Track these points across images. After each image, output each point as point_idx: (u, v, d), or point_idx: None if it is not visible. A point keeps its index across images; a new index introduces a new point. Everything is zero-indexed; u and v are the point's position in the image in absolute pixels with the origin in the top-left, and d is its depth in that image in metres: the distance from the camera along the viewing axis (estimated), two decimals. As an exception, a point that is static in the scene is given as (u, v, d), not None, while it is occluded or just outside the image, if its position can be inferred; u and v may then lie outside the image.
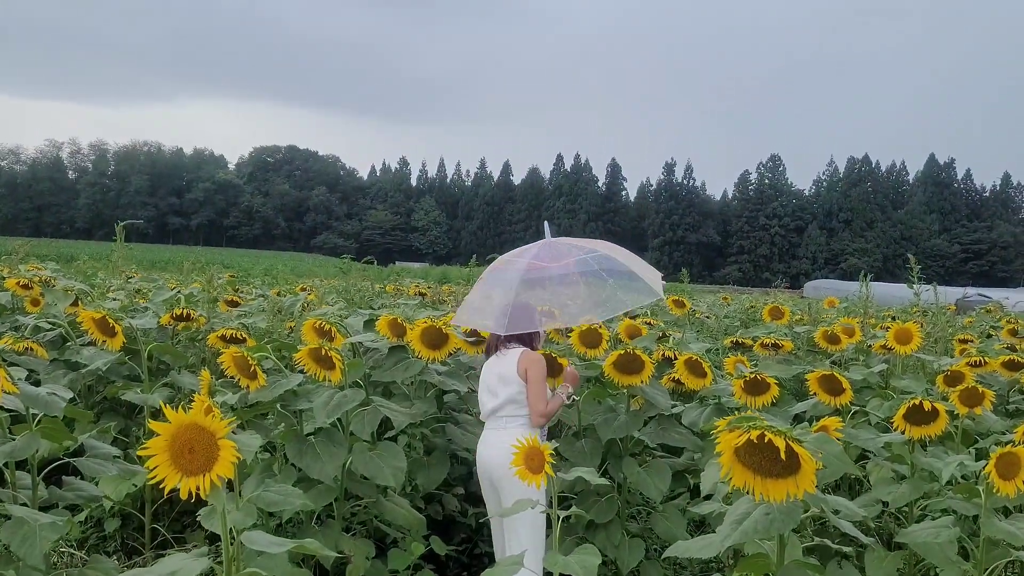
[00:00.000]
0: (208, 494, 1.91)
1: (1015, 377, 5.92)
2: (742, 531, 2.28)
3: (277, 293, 9.61)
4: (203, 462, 1.90)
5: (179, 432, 1.90)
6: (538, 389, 3.94)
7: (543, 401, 3.94)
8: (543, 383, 3.97)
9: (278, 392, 3.79)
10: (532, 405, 3.92)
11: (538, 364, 3.99)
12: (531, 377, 3.93)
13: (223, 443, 1.92)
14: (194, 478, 1.91)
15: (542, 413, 3.93)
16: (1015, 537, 3.27)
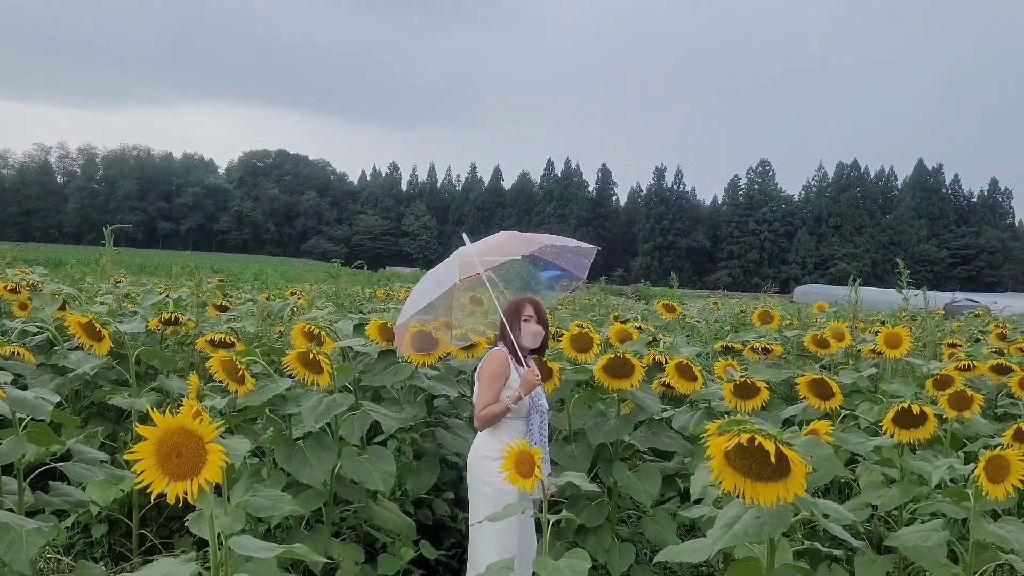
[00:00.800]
0: (196, 499, 1.89)
1: (1003, 381, 5.94)
2: (732, 534, 2.28)
3: (267, 298, 9.58)
4: (191, 466, 1.89)
5: (166, 436, 1.88)
6: (482, 389, 3.85)
7: (480, 404, 3.84)
8: (487, 385, 3.84)
9: (266, 396, 3.77)
10: (476, 406, 3.87)
11: (489, 364, 3.89)
12: (480, 376, 3.89)
13: (211, 447, 1.91)
14: (181, 482, 1.89)
15: (477, 416, 3.84)
16: (1004, 540, 3.27)
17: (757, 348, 6.34)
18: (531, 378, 3.83)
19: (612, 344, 5.64)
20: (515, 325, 4.01)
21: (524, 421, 3.93)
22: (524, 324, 4.03)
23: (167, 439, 1.88)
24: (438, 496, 4.86)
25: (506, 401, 3.81)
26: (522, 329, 4.01)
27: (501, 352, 3.94)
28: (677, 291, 11.59)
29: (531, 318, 4.06)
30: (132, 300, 6.49)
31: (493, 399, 3.81)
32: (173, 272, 7.37)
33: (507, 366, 3.91)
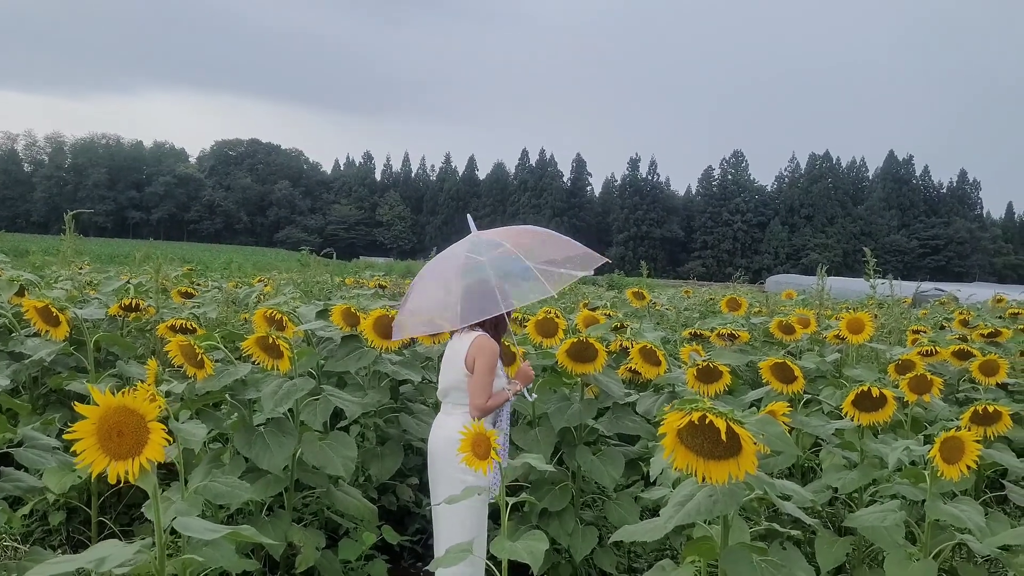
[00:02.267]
0: (137, 478, 1.86)
1: (964, 366, 6.01)
2: (685, 512, 2.28)
3: (235, 286, 9.49)
4: (132, 445, 1.85)
5: (107, 415, 1.85)
6: (481, 381, 3.72)
7: (483, 395, 3.72)
8: (488, 376, 3.74)
9: (226, 381, 3.73)
10: (471, 398, 3.72)
11: (487, 354, 3.75)
12: (477, 368, 3.72)
13: (153, 426, 1.87)
14: (123, 462, 1.86)
15: (479, 407, 3.71)
16: (959, 520, 3.31)
17: (724, 334, 6.36)
18: (529, 371, 3.95)
19: (579, 330, 5.65)
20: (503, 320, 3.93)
21: (495, 415, 3.92)
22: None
23: (108, 418, 1.84)
24: (402, 482, 4.85)
25: (508, 392, 3.80)
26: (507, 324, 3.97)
27: (492, 341, 3.81)
28: (646, 280, 11.64)
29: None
30: (94, 287, 6.40)
31: (491, 391, 3.75)
32: (136, 259, 7.27)
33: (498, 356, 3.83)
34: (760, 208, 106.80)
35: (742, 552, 2.31)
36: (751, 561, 2.27)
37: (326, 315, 4.67)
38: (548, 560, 4.32)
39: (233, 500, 3.19)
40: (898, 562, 3.42)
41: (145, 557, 2.01)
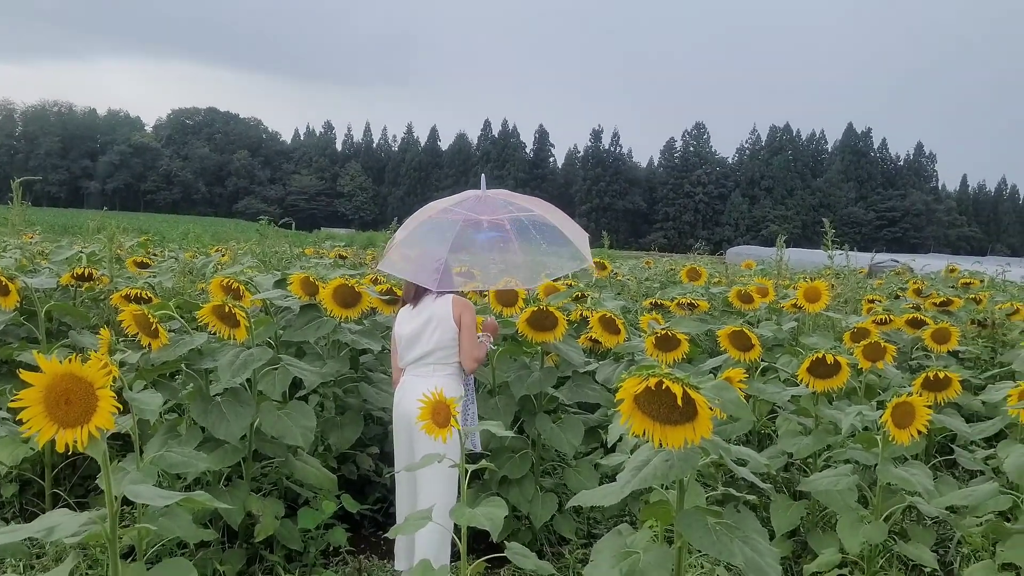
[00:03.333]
0: (87, 446, 1.83)
1: (918, 334, 6.13)
2: (641, 477, 2.30)
3: (192, 256, 9.34)
4: (80, 413, 1.82)
5: (54, 382, 1.81)
6: (473, 333, 3.88)
7: (476, 346, 3.88)
8: (474, 329, 3.90)
9: (182, 351, 3.68)
10: (467, 351, 3.84)
11: (471, 309, 3.91)
12: (465, 323, 3.86)
13: (102, 393, 1.84)
14: (71, 430, 1.82)
15: (476, 358, 3.87)
16: (908, 483, 3.38)
17: (684, 304, 6.42)
18: (496, 324, 4.22)
19: (540, 299, 5.65)
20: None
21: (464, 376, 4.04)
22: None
23: (55, 385, 1.80)
24: (363, 451, 4.83)
25: (488, 344, 4.00)
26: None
27: (466, 299, 3.99)
28: (608, 251, 11.67)
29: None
30: (45, 256, 6.26)
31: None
32: (90, 228, 7.11)
33: None
34: (721, 180, 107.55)
35: (697, 515, 2.34)
36: (706, 524, 2.30)
37: (284, 284, 4.62)
38: (508, 527, 4.36)
39: (189, 470, 3.15)
40: (850, 524, 3.50)
41: (97, 527, 1.98)
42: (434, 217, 4.14)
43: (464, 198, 4.16)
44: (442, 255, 3.94)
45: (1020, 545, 2.88)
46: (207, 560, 3.74)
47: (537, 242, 4.14)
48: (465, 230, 4.05)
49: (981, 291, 8.93)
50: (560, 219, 4.22)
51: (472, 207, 4.09)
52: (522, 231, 4.11)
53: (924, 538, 3.95)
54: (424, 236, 4.14)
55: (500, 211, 4.10)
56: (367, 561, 4.27)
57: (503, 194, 4.26)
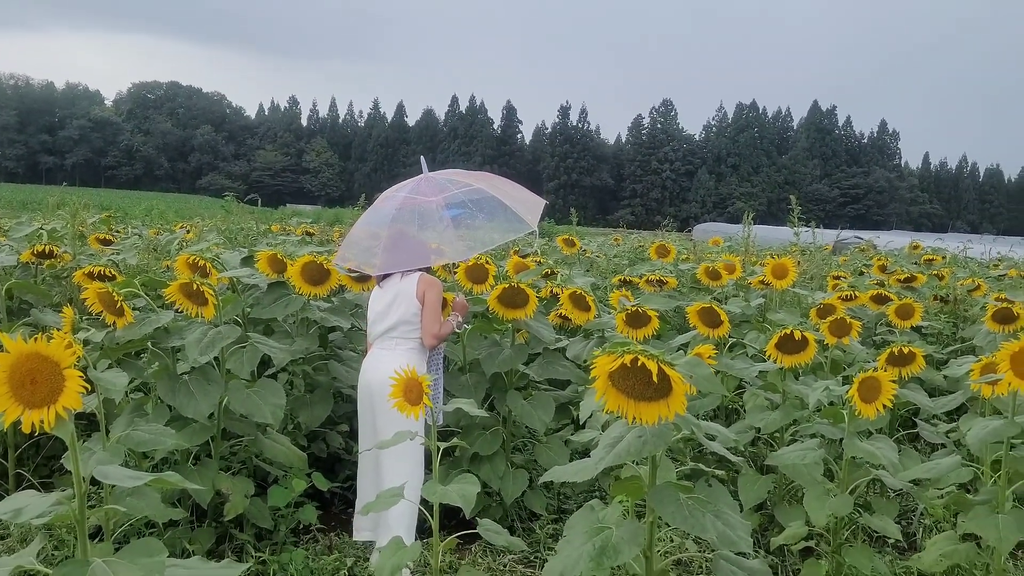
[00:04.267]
0: (54, 427, 1.79)
1: (882, 310, 6.22)
2: (615, 454, 2.31)
3: (156, 233, 9.20)
4: (46, 393, 1.78)
5: (19, 362, 1.77)
6: (435, 310, 3.93)
7: (438, 322, 3.93)
8: (440, 305, 3.97)
9: (148, 329, 3.62)
10: (426, 326, 3.90)
11: (436, 287, 3.97)
12: (429, 299, 3.92)
13: (69, 373, 1.80)
14: (37, 411, 1.78)
15: (435, 334, 3.91)
16: (874, 456, 3.43)
17: (653, 280, 6.44)
18: (465, 303, 4.22)
19: (510, 277, 5.65)
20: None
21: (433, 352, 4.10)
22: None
23: (20, 365, 1.76)
24: (332, 429, 4.81)
25: (453, 322, 4.03)
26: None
27: (434, 276, 4.06)
28: (576, 228, 11.69)
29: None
30: (4, 233, 6.13)
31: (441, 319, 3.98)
32: (49, 204, 6.97)
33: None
34: (688, 157, 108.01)
35: (669, 490, 2.35)
36: (678, 499, 2.32)
37: (251, 262, 4.56)
38: (479, 503, 4.36)
39: (157, 448, 3.12)
40: (816, 497, 3.54)
41: (64, 508, 1.95)
42: (377, 205, 4.31)
43: (405, 184, 4.32)
44: (381, 238, 4.09)
45: (980, 516, 2.94)
46: (176, 539, 3.71)
47: (473, 216, 4.23)
48: (401, 212, 4.15)
49: (943, 267, 9.07)
50: (507, 190, 4.32)
51: (414, 189, 4.22)
52: (459, 207, 4.20)
53: (888, 510, 4.02)
54: (366, 223, 4.32)
55: (441, 191, 4.17)
56: (337, 538, 4.26)
57: (447, 173, 4.37)
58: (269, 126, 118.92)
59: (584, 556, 2.30)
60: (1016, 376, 2.82)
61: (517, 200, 4.24)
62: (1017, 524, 2.86)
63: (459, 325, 4.14)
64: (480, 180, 4.31)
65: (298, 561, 3.83)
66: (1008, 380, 2.83)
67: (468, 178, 4.31)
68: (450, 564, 3.94)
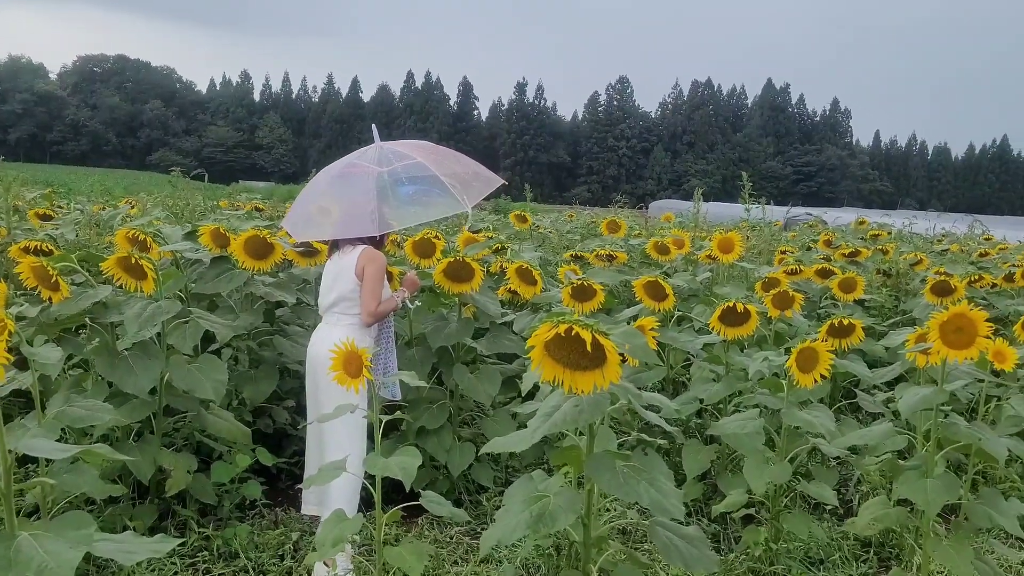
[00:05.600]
0: (-26, 400, 1.75)
1: (826, 284, 6.33)
2: (552, 423, 2.33)
3: (100, 208, 9.01)
4: (-36, 366, 1.74)
5: (-64, 334, 1.73)
6: (372, 287, 3.82)
7: (375, 300, 3.82)
8: (379, 282, 3.85)
9: (85, 304, 3.55)
10: (364, 303, 3.81)
11: (376, 262, 3.85)
12: (367, 274, 3.82)
13: (-12, 345, 1.76)
14: (-45, 383, 1.75)
15: (371, 312, 3.81)
16: (811, 425, 3.51)
17: (602, 255, 6.47)
18: (415, 278, 4.07)
19: (458, 251, 5.64)
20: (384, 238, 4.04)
21: (381, 324, 4.00)
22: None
23: (-64, 337, 1.72)
24: (279, 404, 4.78)
25: (397, 299, 3.92)
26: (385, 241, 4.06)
27: (380, 252, 3.93)
28: (530, 204, 11.69)
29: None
30: (-63, 209, 5.95)
31: (381, 296, 3.85)
32: (-15, 178, 6.77)
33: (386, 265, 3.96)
34: (644, 134, 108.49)
35: (605, 458, 2.38)
36: (614, 467, 2.35)
37: (194, 236, 4.49)
38: (426, 476, 4.38)
39: (95, 423, 3.06)
40: (756, 466, 3.62)
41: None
42: (318, 176, 4.26)
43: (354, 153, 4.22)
44: (321, 207, 4.03)
45: (910, 480, 3.03)
46: (116, 516, 3.67)
47: (406, 191, 4.10)
48: (342, 180, 4.10)
49: (888, 242, 9.26)
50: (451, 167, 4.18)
51: (359, 156, 4.13)
52: (395, 181, 4.05)
53: (827, 477, 4.12)
54: (307, 195, 4.24)
55: (384, 164, 4.07)
56: (284, 513, 4.25)
57: (397, 145, 4.24)
58: (221, 101, 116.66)
59: (521, 523, 2.33)
60: (944, 345, 2.90)
61: (459, 177, 4.12)
62: (945, 487, 2.95)
63: (405, 302, 4.04)
64: (427, 154, 4.18)
65: (242, 536, 3.82)
66: (937, 349, 2.91)
67: (415, 151, 4.18)
68: (396, 537, 3.96)
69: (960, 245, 10.48)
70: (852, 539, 4.13)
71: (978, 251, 9.16)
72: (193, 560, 3.67)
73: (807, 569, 3.80)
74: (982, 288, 6.63)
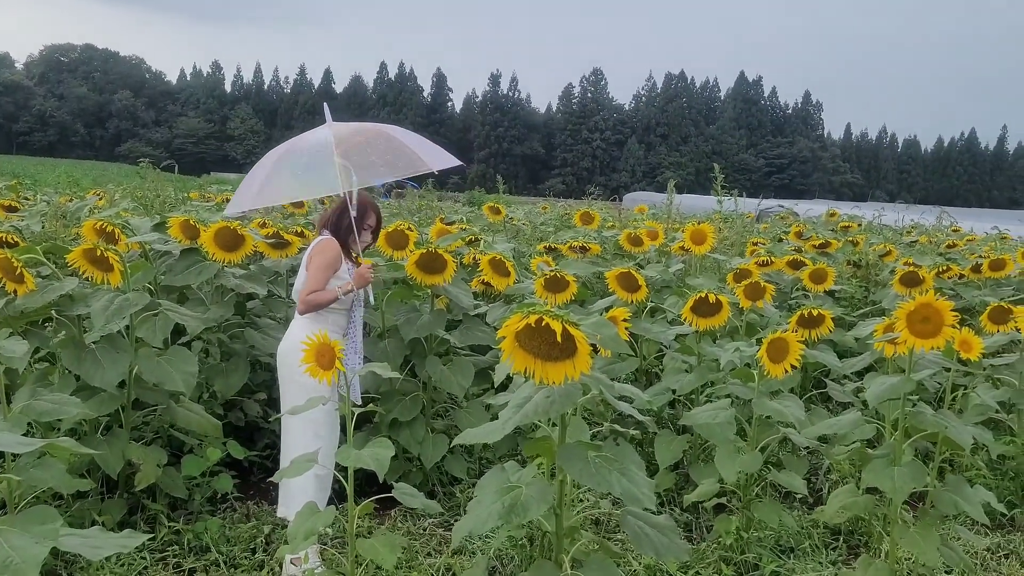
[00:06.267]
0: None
1: (797, 275, 6.38)
2: (523, 413, 2.33)
3: (68, 200, 8.88)
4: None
5: None
6: (312, 275, 3.74)
7: (308, 288, 3.71)
8: (320, 271, 3.74)
9: (51, 297, 3.50)
10: (301, 291, 3.75)
11: (324, 254, 3.79)
12: (311, 264, 3.77)
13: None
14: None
15: (304, 299, 3.70)
16: (783, 415, 3.54)
17: (576, 247, 6.48)
18: (366, 273, 3.82)
19: (432, 242, 5.62)
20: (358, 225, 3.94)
21: (347, 315, 3.91)
22: (362, 231, 4.02)
23: None
24: (250, 397, 4.74)
25: (337, 290, 3.76)
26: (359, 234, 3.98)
27: (335, 242, 3.85)
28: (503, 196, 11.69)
29: (369, 228, 4.09)
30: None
31: (322, 286, 3.74)
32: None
33: (340, 258, 3.85)
34: (618, 126, 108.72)
35: (577, 449, 2.39)
36: (585, 457, 2.35)
37: (163, 227, 4.44)
38: (399, 468, 4.37)
39: (62, 417, 3.03)
40: (727, 456, 3.64)
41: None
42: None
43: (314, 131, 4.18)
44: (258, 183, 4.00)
45: (878, 468, 3.06)
46: (85, 511, 3.63)
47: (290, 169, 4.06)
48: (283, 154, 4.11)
49: (858, 234, 9.37)
50: (383, 149, 4.10)
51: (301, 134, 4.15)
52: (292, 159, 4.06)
53: (797, 467, 4.16)
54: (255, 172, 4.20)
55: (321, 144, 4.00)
56: (256, 507, 4.22)
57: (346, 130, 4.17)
58: (191, 92, 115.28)
59: (493, 514, 2.32)
60: (912, 335, 2.93)
61: (387, 152, 4.05)
62: (912, 475, 2.99)
63: (346, 292, 3.79)
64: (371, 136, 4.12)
65: (213, 530, 3.79)
66: (904, 338, 2.94)
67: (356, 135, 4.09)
68: (368, 529, 3.95)
69: (929, 236, 10.61)
70: (822, 527, 4.18)
71: (946, 242, 9.29)
72: (163, 555, 3.64)
73: (778, 557, 3.84)
74: (950, 279, 6.72)
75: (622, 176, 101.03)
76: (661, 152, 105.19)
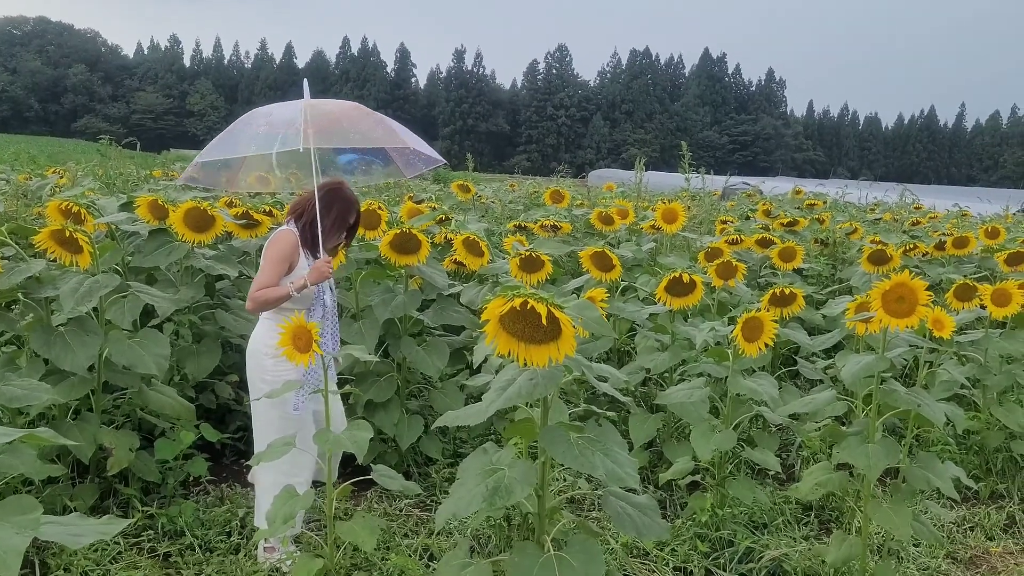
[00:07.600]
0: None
1: (766, 253, 6.44)
2: (507, 396, 2.32)
3: (26, 178, 8.67)
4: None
5: None
6: (262, 268, 3.45)
7: (256, 285, 3.41)
8: (270, 265, 3.44)
9: (17, 279, 3.43)
10: (251, 288, 3.44)
11: (276, 245, 3.48)
12: (264, 256, 3.49)
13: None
14: None
15: (251, 295, 3.41)
16: (756, 392, 3.58)
17: (547, 225, 6.47)
18: (322, 268, 3.46)
19: (403, 222, 5.58)
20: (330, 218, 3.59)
21: (305, 313, 3.52)
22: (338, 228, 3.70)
23: None
24: (222, 379, 4.69)
25: (288, 287, 3.40)
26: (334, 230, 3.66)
27: (292, 234, 3.51)
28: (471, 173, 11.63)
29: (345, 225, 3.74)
30: None
31: (273, 281, 3.41)
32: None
33: (296, 251, 3.51)
34: (583, 103, 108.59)
35: (560, 431, 2.39)
36: (569, 439, 2.35)
37: (131, 208, 4.35)
38: (374, 450, 4.36)
39: (32, 403, 2.96)
40: (702, 434, 3.68)
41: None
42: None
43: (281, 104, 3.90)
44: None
45: (852, 446, 3.11)
46: (56, 496, 3.57)
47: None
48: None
49: (824, 212, 9.46)
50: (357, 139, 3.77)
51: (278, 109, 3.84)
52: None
53: (770, 444, 4.22)
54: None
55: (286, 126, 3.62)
56: (229, 489, 4.19)
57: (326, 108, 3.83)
58: (149, 66, 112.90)
59: (477, 496, 2.32)
60: (887, 314, 2.97)
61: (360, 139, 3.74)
62: (885, 452, 3.04)
63: (298, 289, 3.41)
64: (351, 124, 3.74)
65: (188, 513, 3.75)
66: (879, 318, 2.97)
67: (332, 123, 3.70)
68: (345, 511, 3.93)
69: (892, 214, 10.76)
70: (795, 503, 4.24)
71: (910, 220, 9.42)
72: (138, 539, 3.60)
73: (752, 533, 3.89)
74: (915, 256, 6.82)
75: (587, 153, 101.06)
76: (626, 129, 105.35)
